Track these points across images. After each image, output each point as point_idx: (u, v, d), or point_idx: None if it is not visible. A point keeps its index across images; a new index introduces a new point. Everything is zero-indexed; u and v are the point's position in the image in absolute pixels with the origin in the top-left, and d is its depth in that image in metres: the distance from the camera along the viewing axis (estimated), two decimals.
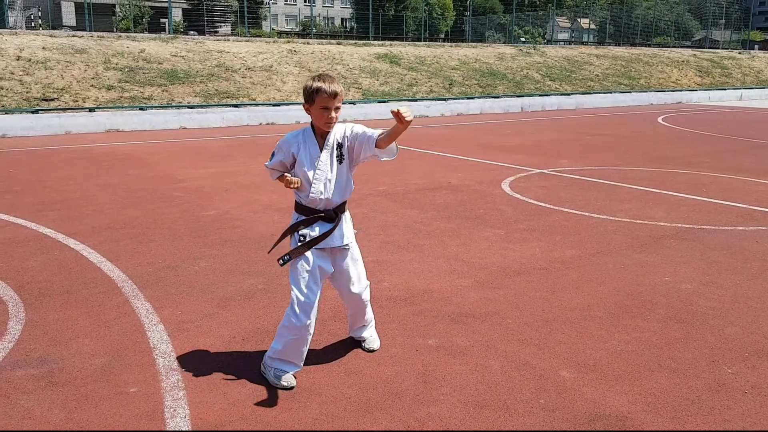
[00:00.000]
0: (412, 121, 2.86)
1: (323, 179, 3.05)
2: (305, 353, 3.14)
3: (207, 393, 2.99)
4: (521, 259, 5.18)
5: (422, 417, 2.84)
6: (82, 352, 3.39)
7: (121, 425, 2.72)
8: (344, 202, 3.20)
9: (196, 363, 3.29)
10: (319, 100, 2.97)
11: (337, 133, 3.10)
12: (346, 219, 3.22)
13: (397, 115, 2.82)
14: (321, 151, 3.06)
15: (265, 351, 3.25)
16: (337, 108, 3.02)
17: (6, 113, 13.48)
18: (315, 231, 3.08)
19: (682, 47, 39.93)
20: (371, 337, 3.52)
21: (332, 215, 3.11)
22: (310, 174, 3.05)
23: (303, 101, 3.08)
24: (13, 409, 2.83)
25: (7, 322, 3.77)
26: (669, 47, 37.93)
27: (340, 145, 3.09)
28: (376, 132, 3.04)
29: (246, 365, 3.28)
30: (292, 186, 3.04)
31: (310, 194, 3.05)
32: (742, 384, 3.20)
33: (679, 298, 4.37)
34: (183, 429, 2.69)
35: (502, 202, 7.23)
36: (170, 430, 2.69)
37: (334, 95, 2.97)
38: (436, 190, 7.86)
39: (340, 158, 3.10)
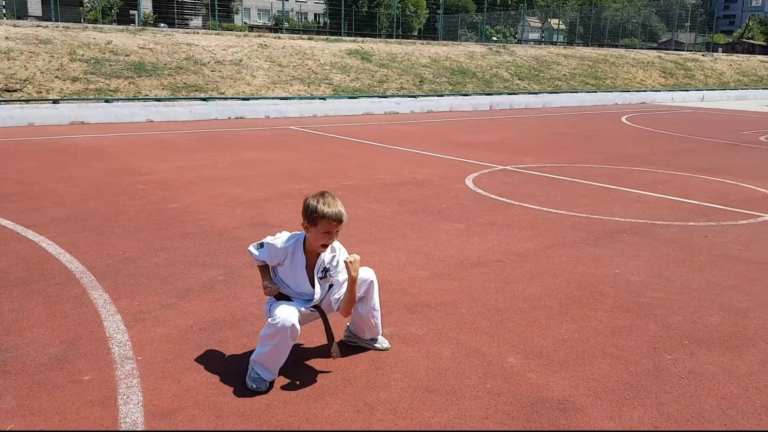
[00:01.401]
0: (355, 261, 3.01)
1: (317, 299, 3.13)
2: (283, 362, 3.08)
3: (161, 380, 3.04)
4: (479, 251, 5.31)
5: (372, 401, 2.93)
6: (37, 341, 3.41)
7: (74, 412, 2.76)
8: None
9: (151, 352, 3.34)
10: (322, 225, 2.95)
11: (325, 256, 3.09)
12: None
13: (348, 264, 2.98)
14: (310, 270, 3.09)
15: (223, 339, 3.30)
16: (338, 232, 3.01)
17: None
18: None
19: (648, 49, 40.67)
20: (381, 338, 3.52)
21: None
22: (293, 286, 3.13)
23: (302, 219, 3.02)
24: None
25: None
26: (636, 48, 38.60)
27: (326, 270, 3.10)
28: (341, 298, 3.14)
29: (201, 354, 3.34)
30: (272, 294, 3.12)
31: (289, 293, 3.16)
32: (680, 369, 3.36)
33: (627, 289, 4.54)
34: (135, 415, 2.74)
35: (464, 197, 7.36)
36: (122, 419, 2.74)
37: (340, 221, 2.96)
38: (401, 185, 7.96)
39: (324, 276, 3.11)
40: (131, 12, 38.69)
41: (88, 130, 12.97)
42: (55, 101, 14.18)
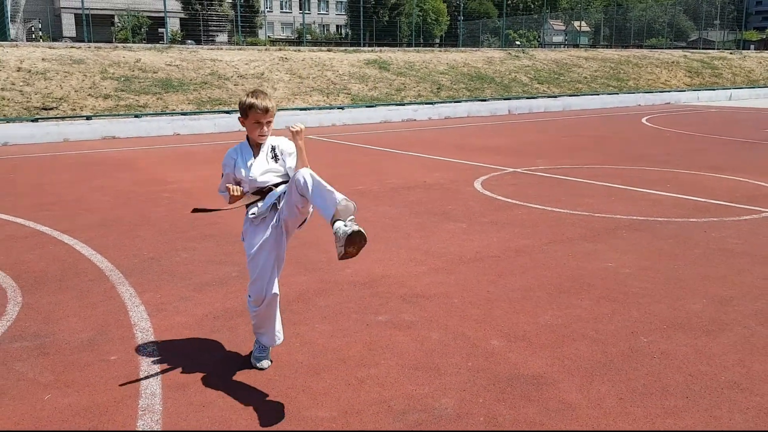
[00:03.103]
0: (301, 131, 3.18)
1: (258, 172, 3.32)
2: (275, 323, 3.43)
3: (178, 359, 3.45)
4: (477, 248, 5.63)
5: (362, 376, 3.29)
6: (70, 328, 3.86)
7: (102, 384, 3.17)
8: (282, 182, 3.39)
9: (170, 336, 3.76)
10: (252, 116, 3.23)
11: (271, 141, 3.39)
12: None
13: (293, 133, 3.17)
14: (256, 156, 3.36)
15: (234, 325, 3.69)
16: (269, 122, 3.31)
17: (7, 122, 13.98)
18: (259, 206, 3.34)
19: (676, 48, 40.38)
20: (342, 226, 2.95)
21: (268, 190, 3.35)
22: (245, 172, 3.32)
23: (239, 115, 3.34)
24: (9, 372, 3.30)
25: (6, 305, 4.25)
26: (663, 49, 38.37)
27: (273, 148, 3.38)
28: (293, 164, 3.31)
29: (214, 337, 3.74)
30: (234, 193, 3.25)
31: (249, 182, 3.33)
32: (654, 351, 3.64)
33: (615, 280, 4.81)
34: (154, 387, 3.15)
35: (470, 199, 7.68)
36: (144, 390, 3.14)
37: (266, 111, 3.24)
38: (410, 189, 8.31)
39: (275, 158, 3.37)
40: (160, 30, 39.79)
41: (118, 144, 13.60)
42: (88, 117, 14.89)
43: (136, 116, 15.40)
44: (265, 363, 3.40)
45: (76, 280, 4.75)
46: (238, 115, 3.36)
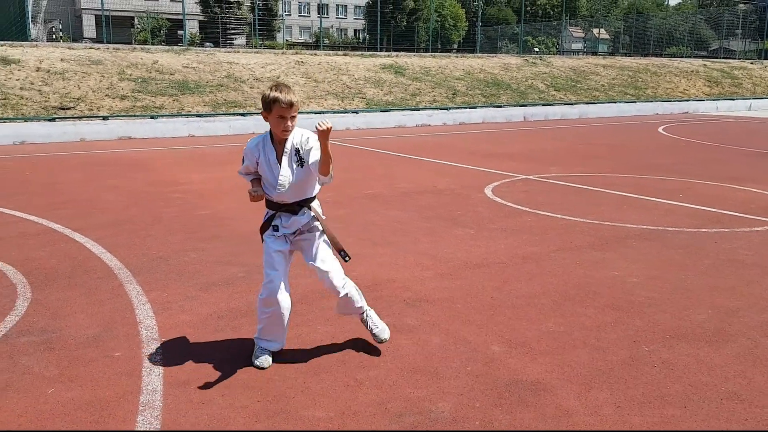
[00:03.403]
0: (328, 129, 3.14)
1: (285, 183, 3.36)
2: (284, 330, 3.49)
3: (180, 357, 3.50)
4: (484, 254, 5.63)
5: (361, 378, 3.31)
6: (77, 324, 3.92)
7: (105, 380, 3.22)
8: (309, 198, 3.49)
9: (174, 334, 3.80)
10: (276, 110, 3.21)
11: (294, 139, 3.37)
12: (314, 208, 3.51)
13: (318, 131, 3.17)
14: (280, 158, 3.36)
15: (237, 325, 3.74)
16: (293, 117, 3.29)
17: (25, 121, 14.20)
18: (282, 221, 3.45)
19: (696, 57, 40.03)
20: (378, 328, 3.62)
21: (295, 209, 3.45)
22: (271, 178, 3.37)
23: (261, 110, 3.34)
24: (15, 366, 3.36)
25: (15, 300, 4.33)
26: (682, 57, 38.07)
27: (297, 151, 3.36)
28: (317, 159, 3.34)
29: (217, 336, 3.78)
30: (254, 199, 3.40)
31: (275, 193, 3.40)
32: (654, 360, 3.63)
33: (622, 289, 4.79)
34: (156, 383, 3.19)
35: (480, 205, 7.68)
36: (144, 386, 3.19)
37: (290, 105, 3.23)
38: (421, 194, 8.33)
39: (300, 163, 3.37)
40: (179, 32, 40.18)
41: (134, 144, 13.76)
42: (104, 118, 15.08)
43: (152, 117, 15.57)
44: (266, 361, 3.43)
45: (85, 278, 4.82)
46: (262, 112, 3.32)
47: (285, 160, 3.35)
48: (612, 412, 3.03)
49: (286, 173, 3.34)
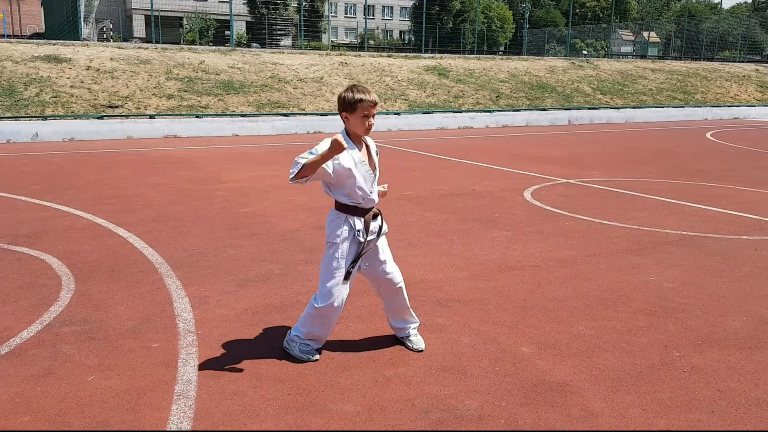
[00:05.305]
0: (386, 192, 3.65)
1: (371, 180, 3.46)
2: (329, 334, 3.60)
3: (215, 350, 3.61)
4: (519, 257, 5.63)
5: (390, 375, 3.37)
6: (118, 316, 4.08)
7: (142, 370, 3.36)
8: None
9: (210, 328, 3.92)
10: (361, 109, 3.26)
11: (371, 144, 3.50)
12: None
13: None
14: (367, 156, 3.45)
15: (271, 320, 3.83)
16: (374, 115, 3.37)
17: (75, 118, 14.72)
18: (374, 225, 3.56)
19: (749, 62, 38.86)
20: (417, 337, 3.74)
21: (377, 211, 3.59)
22: (360, 177, 3.36)
23: (340, 110, 3.33)
24: (57, 354, 3.53)
25: (60, 291, 4.53)
26: (735, 62, 37.00)
27: (377, 153, 3.53)
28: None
29: (251, 331, 3.89)
30: (341, 146, 3.12)
31: (369, 195, 3.44)
32: (685, 365, 3.59)
33: (656, 294, 4.74)
34: (190, 374, 3.31)
35: (518, 208, 7.66)
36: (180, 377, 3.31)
37: (375, 103, 3.29)
38: (459, 196, 8.35)
39: (376, 166, 3.51)
40: (226, 33, 40.97)
41: (179, 143, 14.12)
42: (151, 116, 15.51)
43: (198, 116, 15.94)
44: (316, 356, 3.53)
45: (127, 271, 5.01)
46: (341, 113, 3.32)
47: (377, 160, 3.52)
48: (637, 415, 3.02)
49: (375, 170, 3.49)
